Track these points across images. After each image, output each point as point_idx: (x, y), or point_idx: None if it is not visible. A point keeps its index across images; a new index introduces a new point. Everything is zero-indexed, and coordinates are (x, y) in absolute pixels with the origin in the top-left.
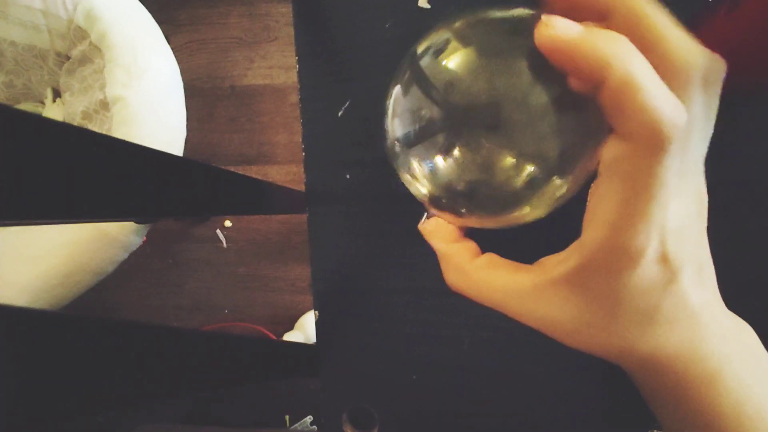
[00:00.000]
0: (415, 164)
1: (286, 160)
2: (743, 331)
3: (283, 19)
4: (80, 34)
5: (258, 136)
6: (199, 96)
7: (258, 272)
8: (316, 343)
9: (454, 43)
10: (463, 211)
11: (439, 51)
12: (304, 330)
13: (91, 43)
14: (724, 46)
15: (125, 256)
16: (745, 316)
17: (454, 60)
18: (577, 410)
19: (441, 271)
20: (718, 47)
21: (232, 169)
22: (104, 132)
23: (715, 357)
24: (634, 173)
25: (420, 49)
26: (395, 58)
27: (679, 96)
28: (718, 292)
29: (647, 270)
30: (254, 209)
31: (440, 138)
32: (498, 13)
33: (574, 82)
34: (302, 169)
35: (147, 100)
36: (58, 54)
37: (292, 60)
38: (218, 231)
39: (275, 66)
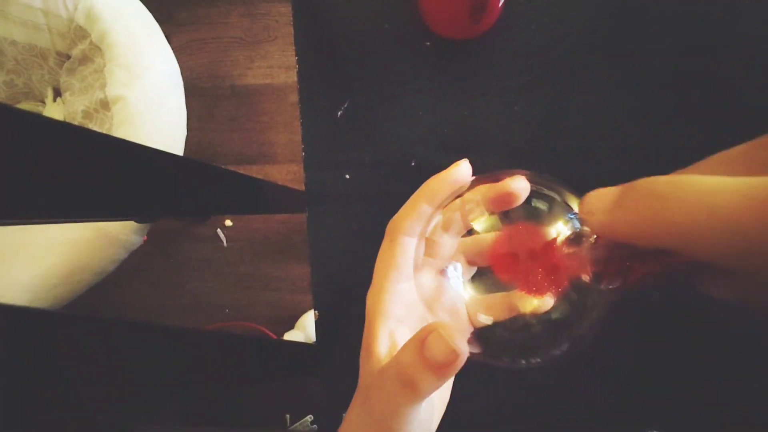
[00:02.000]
0: None
1: (287, 160)
2: None
3: (283, 18)
4: (81, 33)
5: (258, 135)
6: (200, 95)
7: (258, 271)
8: (316, 342)
9: None
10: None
11: None
12: (305, 329)
13: (91, 42)
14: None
15: (125, 255)
16: None
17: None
18: (577, 410)
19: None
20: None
21: (232, 168)
22: (104, 131)
23: None
24: None
25: None
26: (394, 59)
27: None
28: None
29: None
30: (254, 208)
31: None
32: None
33: None
34: (302, 169)
35: (147, 100)
36: (59, 53)
37: (293, 60)
38: (219, 230)
39: (275, 66)
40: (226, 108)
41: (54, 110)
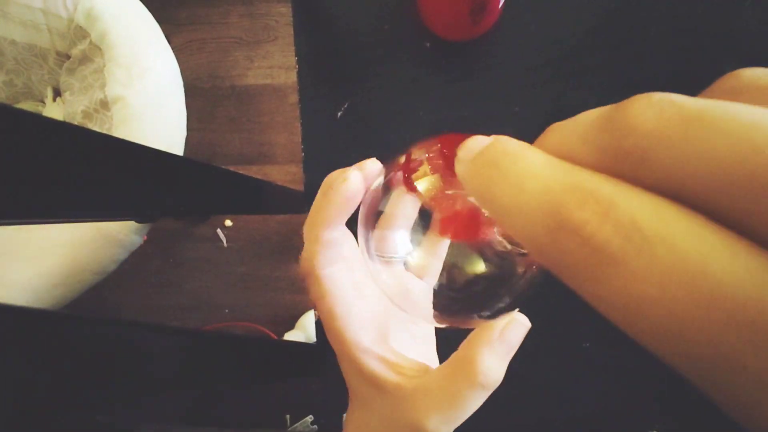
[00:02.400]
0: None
1: (286, 160)
2: None
3: (283, 19)
4: (80, 33)
5: (258, 135)
6: (200, 96)
7: (258, 272)
8: (316, 342)
9: None
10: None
11: None
12: (305, 329)
13: (91, 42)
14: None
15: (125, 255)
16: None
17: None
18: (577, 410)
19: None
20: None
21: (232, 168)
22: (104, 131)
23: None
24: None
25: None
26: (394, 60)
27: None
28: None
29: None
30: (254, 208)
31: None
32: None
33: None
34: (302, 170)
35: (147, 100)
36: (59, 53)
37: (293, 60)
38: (219, 230)
39: (275, 66)
40: (226, 108)
41: (54, 110)
